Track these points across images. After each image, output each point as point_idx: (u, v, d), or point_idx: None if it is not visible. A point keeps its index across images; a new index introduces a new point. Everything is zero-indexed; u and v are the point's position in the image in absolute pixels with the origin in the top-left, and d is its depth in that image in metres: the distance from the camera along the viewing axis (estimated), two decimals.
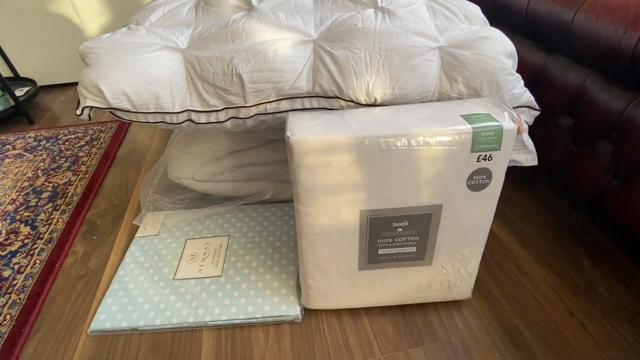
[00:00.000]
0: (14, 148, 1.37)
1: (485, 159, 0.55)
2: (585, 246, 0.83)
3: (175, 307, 0.74)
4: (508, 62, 0.67)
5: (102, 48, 0.70)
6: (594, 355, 0.65)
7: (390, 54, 0.65)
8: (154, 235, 0.91)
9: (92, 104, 0.67)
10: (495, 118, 0.54)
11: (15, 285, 0.85)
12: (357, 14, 0.71)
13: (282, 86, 0.67)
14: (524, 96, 0.69)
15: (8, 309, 0.80)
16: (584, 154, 0.81)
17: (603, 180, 0.77)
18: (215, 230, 0.91)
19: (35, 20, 1.70)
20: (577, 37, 0.78)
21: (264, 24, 0.71)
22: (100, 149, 1.32)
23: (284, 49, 0.67)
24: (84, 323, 0.76)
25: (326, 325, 0.72)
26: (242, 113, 0.70)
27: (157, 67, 0.68)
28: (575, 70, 0.82)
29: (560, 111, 0.86)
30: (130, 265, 0.84)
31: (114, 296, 0.78)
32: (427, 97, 0.68)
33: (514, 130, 0.53)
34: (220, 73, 0.67)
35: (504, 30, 0.74)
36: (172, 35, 0.74)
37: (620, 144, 0.73)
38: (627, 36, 0.67)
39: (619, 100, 0.72)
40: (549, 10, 0.84)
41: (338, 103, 0.68)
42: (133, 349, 0.70)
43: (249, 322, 0.72)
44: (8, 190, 1.16)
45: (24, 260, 0.91)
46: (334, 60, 0.65)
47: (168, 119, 0.70)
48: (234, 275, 0.80)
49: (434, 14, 0.76)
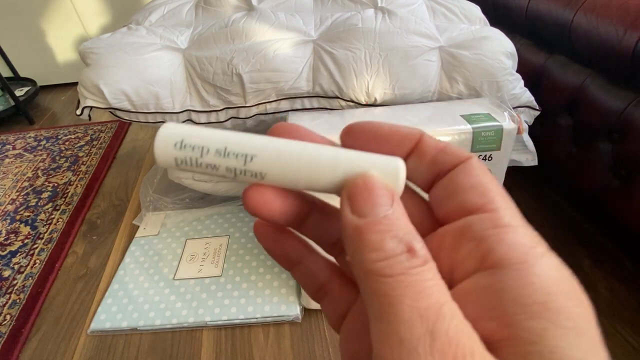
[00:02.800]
0: (14, 148, 1.37)
1: (485, 159, 0.55)
2: (585, 246, 0.83)
3: (175, 307, 0.74)
4: (508, 62, 0.67)
5: (102, 48, 0.70)
6: None
7: (390, 54, 0.65)
8: (154, 235, 0.91)
9: (92, 104, 0.67)
10: (495, 118, 0.54)
11: (15, 285, 0.85)
12: (357, 14, 0.71)
13: (282, 86, 0.67)
14: (524, 96, 0.69)
15: (8, 309, 0.79)
16: (584, 154, 0.81)
17: (603, 180, 0.77)
18: (215, 230, 0.91)
19: (35, 20, 1.70)
20: (577, 37, 0.78)
21: (264, 24, 0.71)
22: (100, 149, 1.32)
23: (284, 49, 0.67)
24: (84, 323, 0.76)
25: (326, 325, 0.72)
26: (242, 113, 0.70)
27: (157, 67, 0.68)
28: (575, 70, 0.82)
29: (560, 111, 0.86)
30: (130, 265, 0.84)
31: (114, 296, 0.78)
32: (427, 97, 0.68)
33: (514, 130, 0.53)
34: (220, 73, 0.67)
35: (504, 30, 0.74)
36: (172, 35, 0.74)
37: (620, 144, 0.73)
38: (627, 36, 0.67)
39: (619, 100, 0.72)
40: (549, 10, 0.84)
41: (338, 103, 0.68)
42: (133, 349, 0.70)
43: (249, 322, 0.72)
44: (8, 190, 1.16)
45: (24, 260, 0.91)
46: (334, 60, 0.65)
47: (168, 119, 0.70)
48: (234, 275, 0.80)
49: (434, 14, 0.76)
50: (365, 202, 0.12)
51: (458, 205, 0.13)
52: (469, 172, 0.13)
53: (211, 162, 0.14)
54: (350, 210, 0.12)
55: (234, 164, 0.14)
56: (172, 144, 0.14)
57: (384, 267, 0.11)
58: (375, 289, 0.11)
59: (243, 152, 0.14)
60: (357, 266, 0.12)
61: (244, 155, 0.14)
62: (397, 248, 0.11)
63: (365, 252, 0.11)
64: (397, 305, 0.10)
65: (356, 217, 0.12)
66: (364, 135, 0.15)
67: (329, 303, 0.17)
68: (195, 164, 0.14)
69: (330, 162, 0.13)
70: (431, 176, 0.14)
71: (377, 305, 0.11)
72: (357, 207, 0.12)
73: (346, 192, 0.13)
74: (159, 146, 0.14)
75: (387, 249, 0.11)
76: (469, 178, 0.13)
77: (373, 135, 0.15)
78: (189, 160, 0.14)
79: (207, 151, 0.14)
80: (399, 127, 0.14)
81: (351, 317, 0.16)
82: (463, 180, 0.13)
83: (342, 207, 0.13)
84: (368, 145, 0.14)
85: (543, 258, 0.11)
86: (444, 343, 0.10)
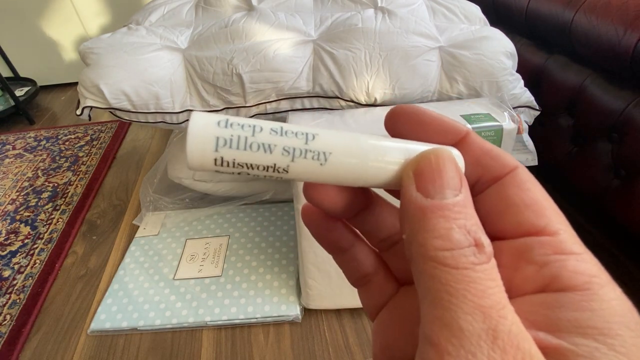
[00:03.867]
0: (14, 148, 1.37)
1: None
2: (585, 246, 0.83)
3: (175, 307, 0.74)
4: (508, 62, 0.67)
5: (102, 48, 0.70)
6: None
7: (390, 54, 0.65)
8: (154, 235, 0.91)
9: (92, 104, 0.67)
10: (495, 118, 0.54)
11: (15, 285, 0.85)
12: (357, 14, 0.71)
13: (282, 86, 0.67)
14: (524, 96, 0.69)
15: (8, 309, 0.79)
16: (584, 154, 0.81)
17: (603, 180, 0.77)
18: (215, 230, 0.91)
19: (35, 20, 1.70)
20: (577, 37, 0.78)
21: (264, 24, 0.71)
22: (100, 149, 1.32)
23: (284, 49, 0.67)
24: (84, 323, 0.76)
25: (326, 325, 0.72)
26: (242, 113, 0.70)
27: (157, 67, 0.68)
28: (575, 70, 0.82)
29: (560, 111, 0.86)
30: (130, 265, 0.84)
31: (114, 296, 0.78)
32: (427, 97, 0.68)
33: (514, 130, 0.53)
34: (220, 73, 0.67)
35: (504, 30, 0.74)
36: (172, 35, 0.74)
37: (620, 144, 0.73)
38: (627, 36, 0.67)
39: (619, 100, 0.72)
40: (549, 10, 0.84)
41: (338, 103, 0.68)
42: (133, 349, 0.70)
43: (249, 322, 0.72)
44: (8, 190, 1.16)
45: (24, 260, 0.91)
46: (334, 60, 0.65)
47: (168, 119, 0.70)
48: (234, 275, 0.80)
49: (434, 14, 0.76)
50: (434, 181, 0.11)
51: (515, 225, 0.12)
52: (521, 186, 0.13)
53: (266, 141, 0.12)
54: (415, 187, 0.12)
55: (293, 143, 0.12)
56: (214, 122, 0.11)
57: (448, 258, 0.10)
58: (436, 275, 0.11)
59: (303, 130, 0.12)
60: (416, 248, 0.11)
61: (305, 133, 0.12)
62: (465, 240, 0.11)
63: (429, 237, 0.11)
64: (460, 297, 0.10)
65: (422, 197, 0.11)
66: (407, 119, 0.14)
67: (369, 292, 0.17)
68: (244, 145, 0.11)
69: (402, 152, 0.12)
70: (474, 177, 0.14)
71: (436, 292, 0.10)
72: (425, 185, 0.11)
73: (413, 167, 0.12)
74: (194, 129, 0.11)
75: (454, 240, 0.11)
76: (522, 193, 0.12)
77: (416, 121, 0.14)
78: (237, 141, 0.11)
79: (261, 129, 0.12)
80: (445, 117, 0.14)
81: (388, 309, 0.16)
82: (516, 196, 0.12)
83: (406, 183, 0.12)
84: (410, 131, 0.14)
85: (605, 288, 0.11)
86: (505, 342, 0.10)
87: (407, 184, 0.12)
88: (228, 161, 0.11)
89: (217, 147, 0.11)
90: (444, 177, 0.11)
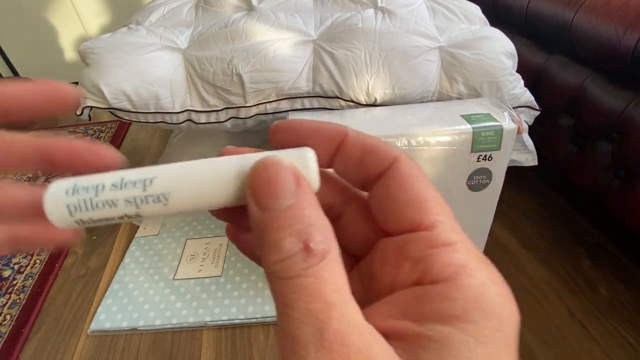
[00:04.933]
0: None
1: (485, 159, 0.55)
2: (585, 246, 0.83)
3: (175, 307, 0.74)
4: (508, 62, 0.67)
5: (102, 48, 0.70)
6: (594, 355, 0.65)
7: (390, 54, 0.65)
8: (154, 235, 0.91)
9: (92, 104, 0.67)
10: (495, 118, 0.54)
11: (15, 285, 0.85)
12: (357, 14, 0.71)
13: (282, 86, 0.67)
14: (524, 96, 0.69)
15: (8, 309, 0.79)
16: (584, 154, 0.81)
17: (603, 180, 0.77)
18: (215, 230, 0.91)
19: (35, 20, 1.69)
20: (577, 37, 0.78)
21: (264, 24, 0.71)
22: None
23: (284, 49, 0.67)
24: (84, 323, 0.76)
25: None
26: (242, 113, 0.70)
27: (157, 67, 0.68)
28: (575, 70, 0.82)
29: (560, 111, 0.86)
30: (130, 265, 0.84)
31: (114, 296, 0.78)
32: (427, 97, 0.68)
33: (514, 130, 0.53)
34: (220, 73, 0.67)
35: (504, 30, 0.74)
36: (172, 35, 0.74)
37: (620, 144, 0.73)
38: (627, 36, 0.67)
39: (619, 100, 0.72)
40: (549, 10, 0.84)
41: (338, 103, 0.68)
42: (133, 349, 0.70)
43: (249, 322, 0.72)
44: None
45: (24, 260, 0.91)
46: (334, 60, 0.65)
47: (168, 119, 0.70)
48: (234, 275, 0.80)
49: (434, 14, 0.76)
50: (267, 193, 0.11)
51: (396, 222, 0.13)
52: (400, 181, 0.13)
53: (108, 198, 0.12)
54: (254, 203, 0.11)
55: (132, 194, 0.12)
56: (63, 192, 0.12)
57: (281, 270, 0.11)
58: (277, 290, 0.11)
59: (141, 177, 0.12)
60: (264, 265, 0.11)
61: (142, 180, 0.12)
62: (294, 246, 0.11)
63: (268, 252, 0.11)
64: (295, 308, 0.10)
65: (260, 211, 0.11)
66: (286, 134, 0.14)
67: None
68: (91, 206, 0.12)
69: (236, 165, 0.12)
70: (361, 178, 0.14)
71: (279, 307, 0.11)
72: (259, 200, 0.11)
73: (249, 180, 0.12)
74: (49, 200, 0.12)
75: (285, 249, 0.11)
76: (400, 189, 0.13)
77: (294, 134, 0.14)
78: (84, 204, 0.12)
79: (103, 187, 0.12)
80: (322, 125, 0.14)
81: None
82: (395, 192, 0.13)
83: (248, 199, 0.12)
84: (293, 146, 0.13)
85: (471, 276, 0.11)
86: (331, 342, 0.10)
87: (248, 200, 0.12)
88: (86, 220, 0.13)
89: (71, 213, 0.12)
90: (276, 186, 0.11)
